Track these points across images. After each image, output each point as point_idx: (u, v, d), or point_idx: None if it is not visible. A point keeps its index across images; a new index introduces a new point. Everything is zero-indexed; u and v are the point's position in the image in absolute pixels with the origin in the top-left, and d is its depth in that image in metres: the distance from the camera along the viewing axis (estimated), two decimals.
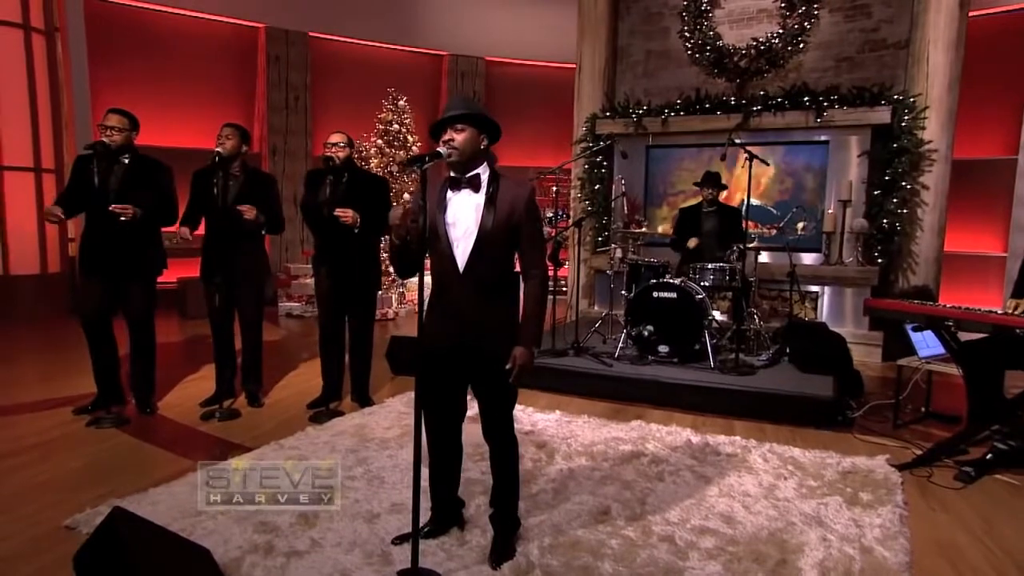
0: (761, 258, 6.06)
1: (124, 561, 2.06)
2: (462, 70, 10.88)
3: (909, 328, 4.14)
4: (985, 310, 3.53)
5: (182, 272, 7.62)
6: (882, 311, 4.08)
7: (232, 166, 4.10)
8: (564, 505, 2.95)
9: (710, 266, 5.29)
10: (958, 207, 6.90)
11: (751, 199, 5.16)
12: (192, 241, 4.07)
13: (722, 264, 5.26)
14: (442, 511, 2.69)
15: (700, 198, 5.81)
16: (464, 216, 2.36)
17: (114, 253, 3.87)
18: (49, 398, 4.41)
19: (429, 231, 2.38)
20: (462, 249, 2.35)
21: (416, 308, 2.41)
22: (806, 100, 6.40)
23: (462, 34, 10.69)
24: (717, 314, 5.90)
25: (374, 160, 8.27)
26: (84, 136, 7.48)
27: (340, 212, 3.94)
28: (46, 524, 2.69)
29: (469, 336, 2.38)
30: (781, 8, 6.80)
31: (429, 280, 2.47)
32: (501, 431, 2.49)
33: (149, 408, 4.16)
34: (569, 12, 8.12)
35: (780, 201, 6.76)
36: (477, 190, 2.36)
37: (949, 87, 6.06)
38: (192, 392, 4.58)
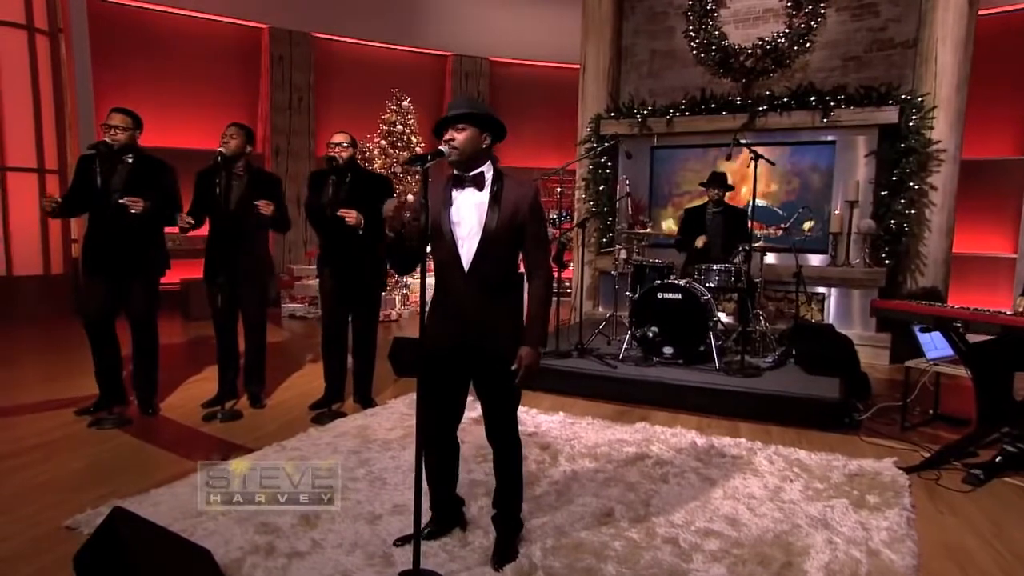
0: (767, 259, 6.02)
1: (124, 561, 2.05)
2: (466, 70, 10.87)
3: (917, 329, 4.09)
4: (994, 311, 3.48)
5: (185, 273, 7.61)
6: (889, 312, 4.04)
7: (236, 166, 4.09)
8: (567, 507, 2.94)
9: (715, 267, 5.26)
10: (967, 208, 6.83)
11: (757, 200, 5.12)
12: (193, 225, 3.96)
13: (727, 265, 5.23)
14: (442, 511, 2.67)
15: (705, 199, 5.78)
16: (468, 215, 2.34)
17: (117, 252, 3.87)
18: (51, 399, 4.41)
19: (433, 229, 2.37)
20: (467, 248, 2.34)
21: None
22: (812, 100, 6.36)
23: (466, 34, 10.69)
24: (723, 316, 5.86)
25: (378, 161, 8.27)
26: (87, 137, 7.49)
27: (344, 213, 3.93)
28: (47, 524, 2.69)
29: (473, 336, 2.36)
30: (787, 7, 6.76)
31: (431, 280, 2.45)
32: (505, 432, 2.47)
33: (151, 409, 4.15)
34: (573, 12, 8.10)
35: (786, 202, 6.72)
36: (481, 189, 2.35)
37: (958, 86, 6.01)
38: (194, 393, 4.58)
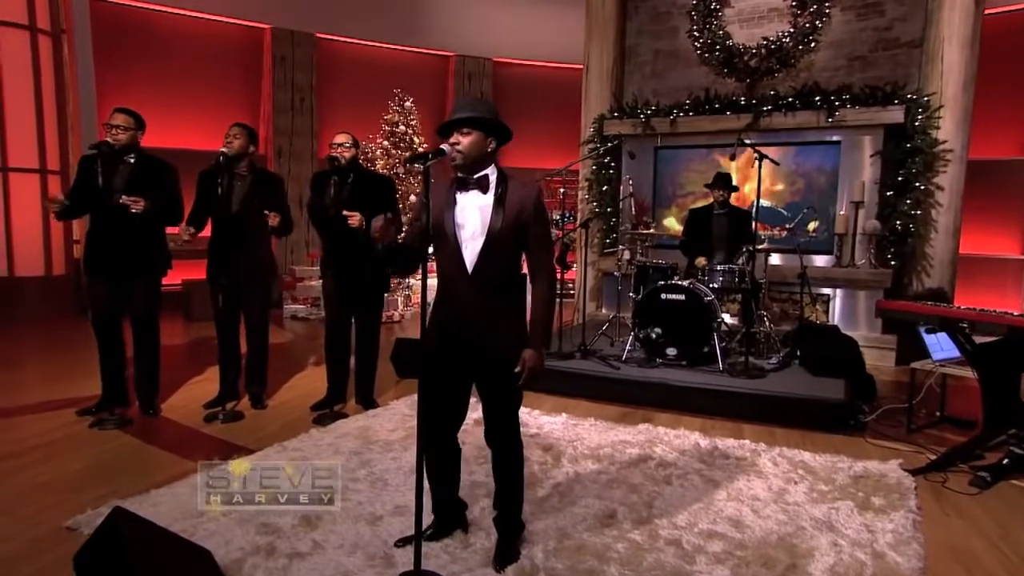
0: (772, 260, 5.99)
1: (124, 561, 2.04)
2: (469, 71, 10.86)
3: (923, 330, 4.07)
4: (1000, 312, 3.45)
5: (187, 274, 7.62)
6: (895, 313, 4.02)
7: (239, 166, 4.09)
8: (570, 508, 2.92)
9: (719, 268, 5.23)
10: (974, 209, 6.80)
11: (761, 200, 5.10)
12: (194, 238, 3.98)
13: (731, 266, 5.20)
14: (444, 512, 2.66)
15: (710, 199, 5.75)
16: (472, 218, 2.33)
17: (118, 252, 3.86)
18: (52, 399, 4.41)
19: (436, 232, 2.36)
20: (471, 251, 2.33)
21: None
22: (817, 100, 6.33)
23: (469, 35, 10.68)
24: (727, 317, 5.83)
25: (380, 161, 8.27)
26: (90, 138, 7.50)
27: (347, 214, 3.92)
28: (47, 525, 2.68)
29: (475, 337, 2.35)
30: (792, 7, 6.74)
31: (433, 281, 2.44)
32: (505, 434, 2.46)
33: (152, 410, 4.15)
34: (577, 12, 8.09)
35: (791, 202, 6.69)
36: (485, 191, 2.34)
37: (964, 86, 5.97)
38: (196, 394, 4.57)
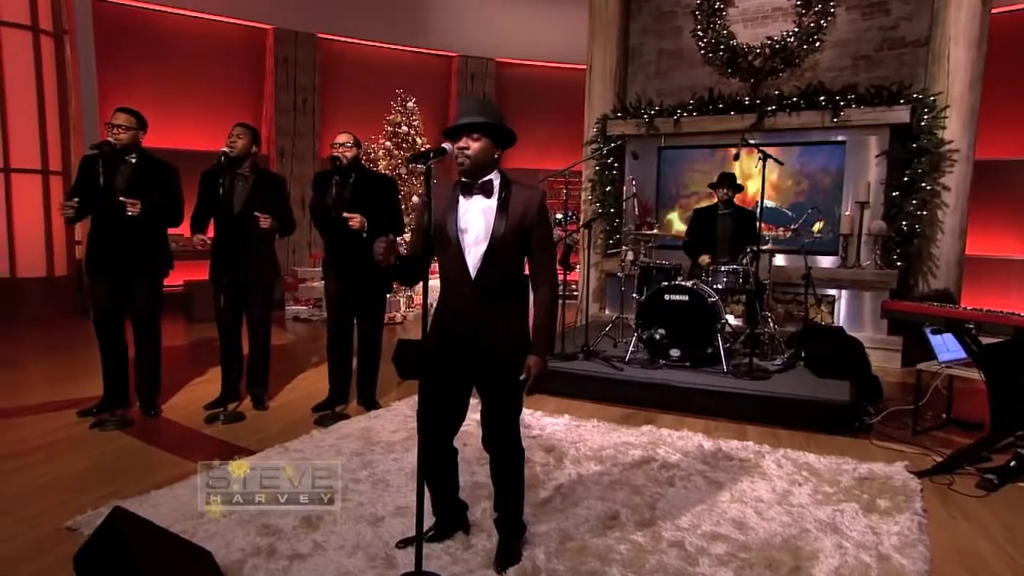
0: (776, 261, 5.96)
1: (124, 561, 2.04)
2: (472, 71, 10.85)
3: (928, 331, 4.03)
4: (1007, 312, 3.42)
5: (189, 275, 7.62)
6: (900, 314, 3.98)
7: (242, 167, 4.08)
8: (572, 510, 2.91)
9: (723, 268, 5.20)
10: (980, 209, 6.75)
11: (765, 200, 5.07)
12: (206, 245, 4.04)
13: (736, 266, 5.17)
14: (445, 513, 2.65)
15: (714, 199, 5.72)
16: (476, 222, 2.32)
17: (120, 252, 3.86)
18: (54, 400, 4.41)
19: (439, 236, 2.36)
20: (474, 255, 2.32)
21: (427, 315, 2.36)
22: (822, 100, 6.30)
23: (471, 35, 10.68)
24: (731, 318, 5.80)
25: (382, 162, 8.25)
26: (92, 138, 7.50)
27: (348, 216, 3.91)
28: (48, 525, 2.68)
29: (476, 339, 2.34)
30: (796, 6, 6.71)
31: (434, 282, 2.43)
32: (505, 438, 2.45)
33: (153, 411, 4.14)
34: (580, 12, 8.07)
35: (795, 203, 6.65)
36: (489, 196, 2.33)
37: (971, 85, 5.94)
38: (197, 395, 4.56)
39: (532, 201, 2.34)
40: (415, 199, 7.92)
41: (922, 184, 6.03)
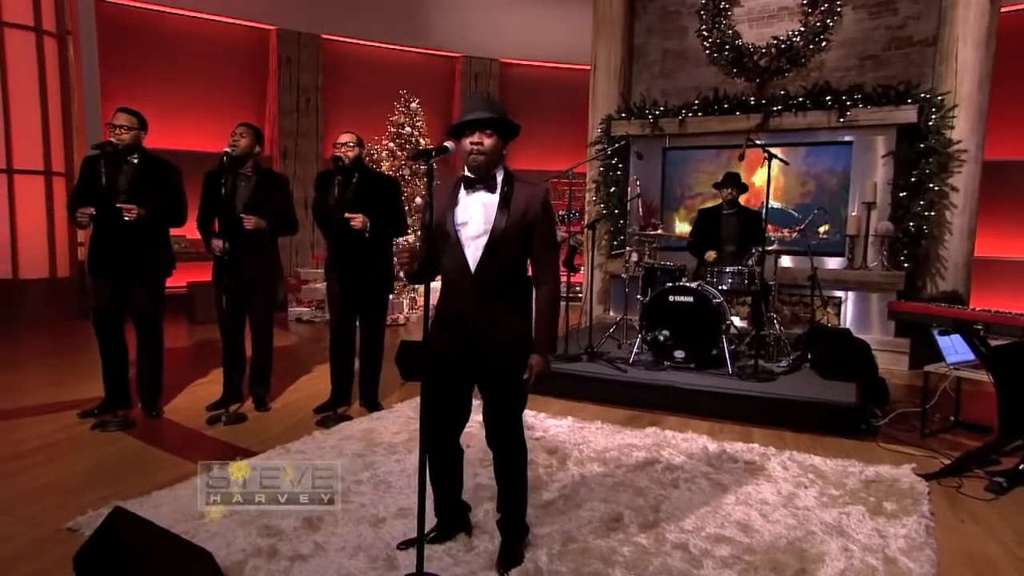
0: (782, 262, 5.92)
1: (124, 561, 2.03)
2: (475, 72, 10.82)
3: (936, 333, 3.99)
4: (1016, 314, 3.37)
5: (191, 276, 7.61)
6: (907, 315, 3.95)
7: (244, 167, 4.07)
8: (575, 512, 2.89)
9: (728, 270, 5.18)
10: (989, 210, 6.69)
11: (771, 201, 5.03)
12: (224, 251, 3.96)
13: (741, 267, 5.14)
14: (446, 515, 2.63)
15: (719, 200, 5.69)
16: (476, 216, 2.31)
17: (121, 253, 3.85)
18: (55, 401, 4.40)
19: (440, 231, 2.35)
20: (473, 250, 2.31)
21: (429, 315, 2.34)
22: (828, 99, 6.26)
23: (475, 35, 10.64)
24: (736, 319, 5.77)
25: (385, 163, 8.22)
26: (95, 139, 7.47)
27: (350, 216, 3.89)
28: (48, 526, 2.67)
29: (476, 336, 2.33)
30: (803, 5, 6.67)
31: (436, 284, 2.41)
32: (508, 436, 2.43)
33: (155, 412, 4.13)
34: (583, 12, 8.05)
35: (801, 204, 6.61)
36: (492, 191, 2.32)
37: (979, 85, 5.89)
38: (199, 396, 4.55)
39: (535, 198, 2.32)
40: (418, 200, 7.90)
41: (930, 184, 5.97)
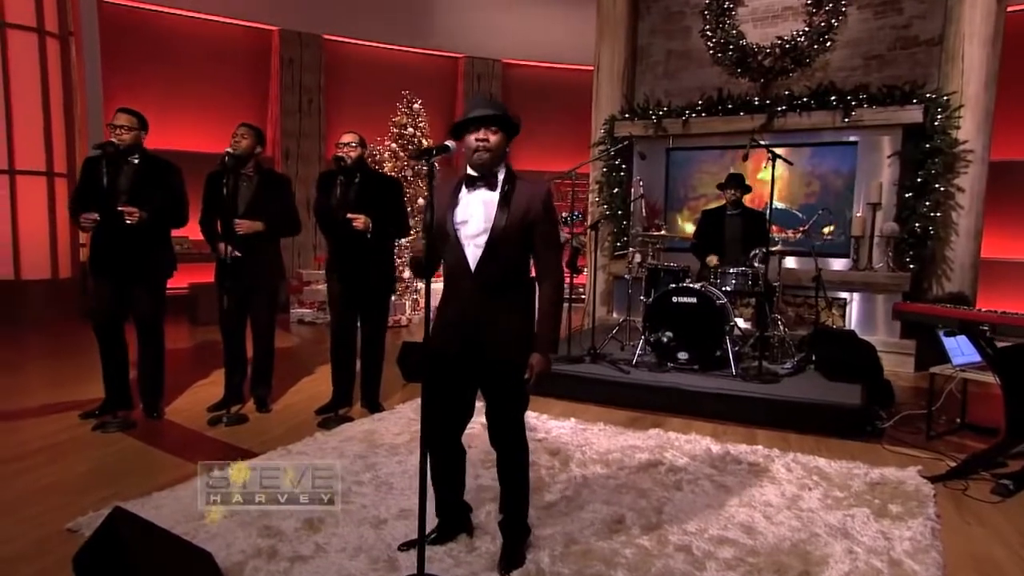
0: (787, 263, 5.89)
1: (124, 562, 2.03)
2: (478, 72, 10.82)
3: (942, 334, 3.96)
4: (1023, 315, 3.34)
5: (193, 277, 7.61)
6: (913, 315, 3.92)
7: (246, 167, 4.07)
8: (577, 513, 2.87)
9: (732, 271, 5.15)
10: (996, 211, 6.66)
11: (775, 202, 5.01)
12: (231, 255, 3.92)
13: (745, 269, 5.11)
14: (448, 515, 2.61)
15: (723, 201, 5.67)
16: (476, 215, 2.30)
17: (122, 254, 3.84)
18: (57, 402, 4.39)
19: (440, 231, 2.34)
20: (473, 248, 2.30)
21: (431, 315, 2.33)
22: (833, 100, 6.23)
23: (478, 36, 10.64)
24: (740, 321, 5.74)
25: (388, 164, 8.20)
26: (97, 140, 7.41)
27: (352, 217, 3.88)
28: (49, 526, 2.67)
29: (476, 336, 2.31)
30: (807, 5, 6.65)
31: (438, 285, 2.40)
32: (510, 436, 2.42)
33: (156, 413, 4.12)
34: (587, 13, 8.04)
35: (806, 204, 6.58)
36: (493, 189, 2.31)
37: (986, 84, 5.85)
38: (201, 397, 4.55)
39: (536, 196, 2.31)
40: (421, 201, 7.88)
41: (936, 185, 5.94)
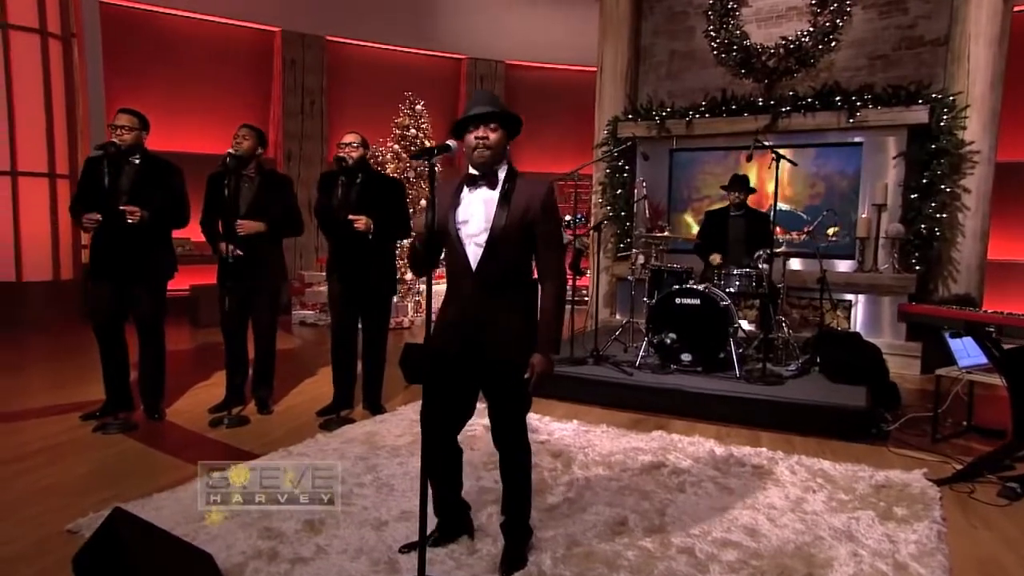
0: (791, 265, 5.85)
1: (124, 563, 2.02)
2: (481, 73, 10.81)
3: (948, 336, 3.93)
4: None
5: (194, 279, 7.60)
6: (918, 317, 3.89)
7: (248, 168, 4.06)
8: (579, 515, 2.85)
9: (736, 272, 5.12)
10: (1003, 212, 6.62)
11: (779, 203, 4.99)
12: (233, 254, 3.92)
13: (749, 270, 5.08)
14: (448, 515, 2.60)
15: (727, 202, 5.64)
16: (477, 214, 2.29)
17: (123, 255, 3.83)
18: (57, 404, 4.39)
19: (441, 230, 2.33)
20: (474, 247, 2.29)
21: (433, 316, 2.32)
22: (838, 100, 6.21)
23: (481, 37, 10.63)
24: (744, 323, 5.71)
25: (390, 165, 8.20)
26: (99, 142, 7.43)
27: (353, 218, 3.87)
28: (49, 527, 2.66)
29: (479, 338, 2.30)
30: (812, 5, 6.63)
31: (439, 287, 2.39)
32: (510, 437, 2.40)
33: (157, 414, 4.11)
34: (590, 13, 8.03)
35: (810, 205, 6.55)
36: (493, 188, 2.30)
37: (992, 85, 5.82)
38: (202, 398, 4.54)
39: (536, 195, 2.29)
40: (423, 202, 7.88)
41: (942, 186, 5.91)
